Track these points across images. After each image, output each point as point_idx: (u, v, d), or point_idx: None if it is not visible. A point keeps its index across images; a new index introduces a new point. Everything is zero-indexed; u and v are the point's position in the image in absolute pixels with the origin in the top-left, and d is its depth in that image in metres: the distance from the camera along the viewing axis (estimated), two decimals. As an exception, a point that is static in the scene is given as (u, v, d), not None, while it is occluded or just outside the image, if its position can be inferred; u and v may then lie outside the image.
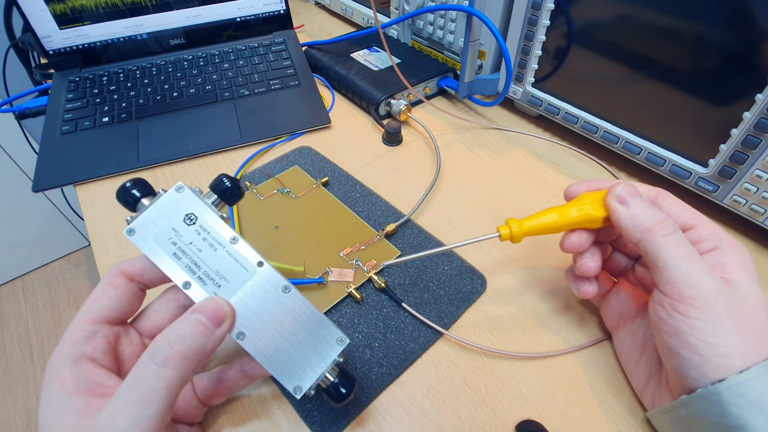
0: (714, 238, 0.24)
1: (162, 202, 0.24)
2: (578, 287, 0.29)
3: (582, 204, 0.27)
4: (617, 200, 0.25)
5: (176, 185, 0.24)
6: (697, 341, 0.21)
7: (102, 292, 0.24)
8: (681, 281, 0.22)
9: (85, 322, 0.23)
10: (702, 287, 0.22)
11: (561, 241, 0.28)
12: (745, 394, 0.20)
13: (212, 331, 0.22)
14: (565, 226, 0.27)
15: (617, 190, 0.26)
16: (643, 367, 0.27)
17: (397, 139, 0.48)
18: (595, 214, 0.26)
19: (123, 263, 0.24)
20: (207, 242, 0.24)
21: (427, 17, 0.56)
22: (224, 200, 0.26)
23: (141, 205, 0.24)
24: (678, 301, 0.22)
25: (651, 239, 0.24)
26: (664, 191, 0.27)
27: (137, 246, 0.23)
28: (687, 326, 0.22)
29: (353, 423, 0.27)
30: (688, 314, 0.22)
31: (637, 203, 0.25)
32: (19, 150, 1.18)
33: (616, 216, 0.25)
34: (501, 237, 0.28)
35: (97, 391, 0.21)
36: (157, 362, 0.20)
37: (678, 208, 0.26)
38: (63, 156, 0.46)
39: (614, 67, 0.38)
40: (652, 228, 0.24)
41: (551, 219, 0.27)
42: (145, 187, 0.25)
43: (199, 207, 0.24)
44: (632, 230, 0.24)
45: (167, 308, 0.25)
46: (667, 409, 0.24)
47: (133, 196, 0.24)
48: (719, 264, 0.23)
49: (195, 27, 0.59)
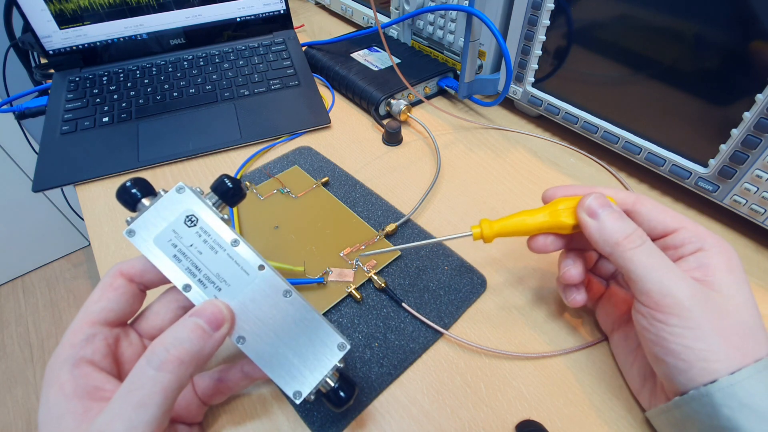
0: (696, 240, 0.24)
1: (162, 203, 0.24)
2: (567, 296, 0.29)
3: (554, 209, 0.27)
4: (586, 212, 0.25)
5: (177, 186, 0.24)
6: (679, 347, 0.22)
7: (101, 294, 0.23)
8: (655, 291, 0.22)
9: (84, 325, 0.23)
10: (676, 294, 0.22)
11: (527, 240, 0.28)
12: (737, 395, 0.20)
13: (210, 334, 0.21)
14: (535, 229, 0.28)
15: (587, 202, 0.25)
16: (637, 369, 0.27)
17: (397, 139, 0.48)
18: (565, 222, 0.27)
19: (123, 264, 0.24)
20: (208, 244, 0.24)
21: (427, 17, 0.56)
22: (225, 201, 0.25)
23: (141, 206, 0.24)
24: (656, 310, 0.22)
25: (620, 253, 0.24)
26: (642, 196, 0.26)
27: (137, 247, 0.23)
28: (668, 333, 0.22)
29: (353, 423, 0.27)
30: (667, 322, 0.22)
31: (606, 216, 0.25)
32: (19, 150, 1.18)
33: (585, 229, 0.25)
34: (473, 236, 0.29)
35: (96, 395, 0.21)
36: (154, 366, 0.20)
37: (659, 213, 0.26)
38: (63, 156, 0.46)
39: (614, 67, 0.38)
40: (620, 242, 0.24)
41: (520, 221, 0.28)
42: (146, 187, 0.24)
43: (200, 208, 0.24)
44: (602, 244, 0.25)
45: (167, 310, 0.25)
46: (663, 410, 0.24)
47: (133, 196, 0.24)
48: (702, 266, 0.23)
49: (195, 27, 0.59)
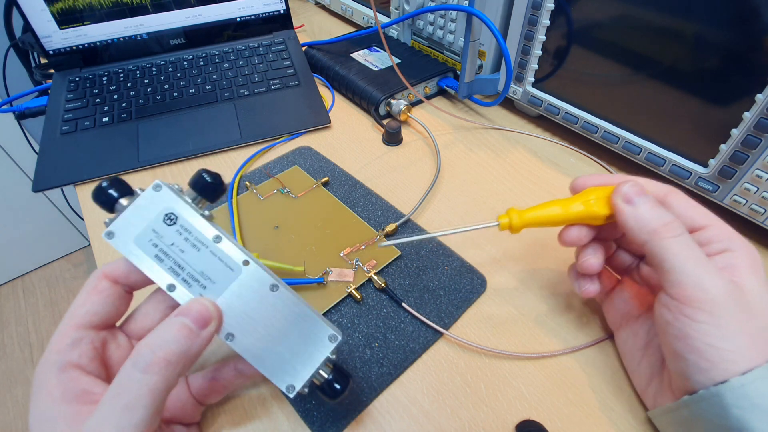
0: (725, 240, 0.24)
1: (139, 203, 0.23)
2: (580, 286, 0.28)
3: (586, 199, 0.26)
4: (623, 199, 0.25)
5: (154, 183, 0.23)
6: (705, 345, 0.21)
7: (86, 297, 0.23)
8: (689, 284, 0.22)
9: (69, 329, 0.22)
10: (710, 290, 0.21)
11: (560, 233, 0.28)
12: (748, 395, 0.20)
13: (197, 333, 0.21)
14: (567, 220, 0.27)
15: (623, 189, 0.25)
16: (645, 367, 0.27)
17: (397, 139, 0.48)
18: (599, 212, 0.26)
19: (106, 266, 0.24)
20: (189, 242, 0.23)
21: (427, 17, 0.56)
22: (205, 197, 0.24)
23: (119, 206, 0.23)
24: (685, 304, 0.22)
25: (657, 241, 0.23)
26: (674, 189, 0.26)
27: (117, 250, 0.23)
28: (694, 330, 0.21)
29: (353, 423, 0.27)
30: (696, 318, 0.21)
31: (643, 203, 0.24)
32: (19, 150, 1.18)
33: (621, 216, 0.25)
34: (500, 226, 0.28)
35: (85, 399, 0.21)
36: (140, 369, 0.20)
37: (688, 208, 0.25)
38: (63, 156, 0.46)
39: (614, 67, 0.38)
40: (658, 229, 0.23)
41: (553, 212, 0.27)
42: (123, 187, 0.23)
43: (178, 206, 0.23)
44: (638, 231, 0.24)
45: (156, 310, 0.25)
46: (669, 409, 0.24)
47: (109, 196, 0.23)
48: (729, 266, 0.23)
49: (195, 27, 0.59)
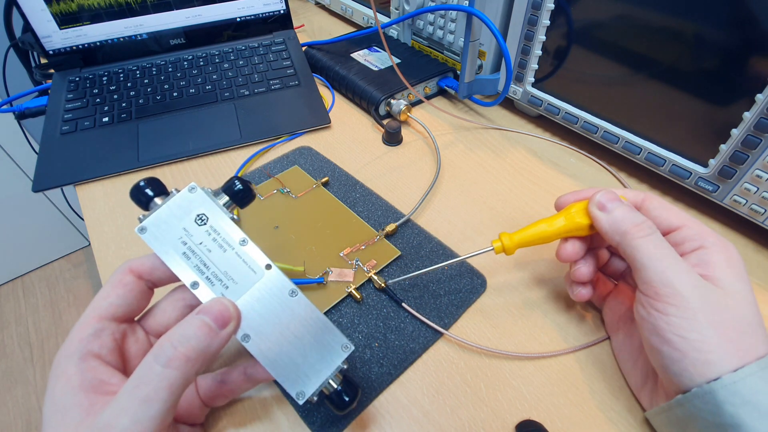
0: (698, 238, 0.25)
1: (174, 202, 0.24)
2: (573, 291, 0.30)
3: (568, 213, 0.29)
4: (597, 207, 0.27)
5: (189, 185, 0.25)
6: (674, 337, 0.22)
7: (111, 290, 0.24)
8: (657, 280, 0.23)
9: (92, 319, 0.23)
10: (677, 285, 0.23)
11: (557, 251, 0.30)
12: (740, 392, 0.20)
13: (217, 332, 0.22)
14: (554, 235, 0.29)
15: (597, 197, 0.27)
16: (640, 368, 0.27)
17: (397, 139, 0.48)
18: (581, 222, 0.28)
19: (132, 261, 0.24)
20: (217, 243, 0.24)
21: (427, 17, 0.56)
22: (236, 202, 0.26)
23: (153, 204, 0.24)
24: (655, 300, 0.23)
25: (628, 241, 0.25)
26: (650, 194, 0.28)
27: (148, 244, 0.24)
28: (664, 323, 0.23)
29: (353, 423, 0.27)
30: (665, 311, 0.23)
31: (615, 208, 0.26)
32: (19, 150, 1.18)
33: (596, 222, 0.27)
34: (495, 250, 0.30)
35: (102, 389, 0.21)
36: (161, 363, 0.20)
37: (663, 210, 0.27)
38: (63, 156, 0.46)
39: (614, 67, 0.38)
40: (629, 230, 0.25)
41: (540, 230, 0.29)
42: (159, 187, 0.25)
43: (210, 208, 0.24)
44: (612, 234, 0.26)
45: (174, 307, 0.26)
46: (664, 408, 0.24)
47: (146, 194, 0.25)
48: (703, 262, 0.24)
49: (195, 27, 0.59)
